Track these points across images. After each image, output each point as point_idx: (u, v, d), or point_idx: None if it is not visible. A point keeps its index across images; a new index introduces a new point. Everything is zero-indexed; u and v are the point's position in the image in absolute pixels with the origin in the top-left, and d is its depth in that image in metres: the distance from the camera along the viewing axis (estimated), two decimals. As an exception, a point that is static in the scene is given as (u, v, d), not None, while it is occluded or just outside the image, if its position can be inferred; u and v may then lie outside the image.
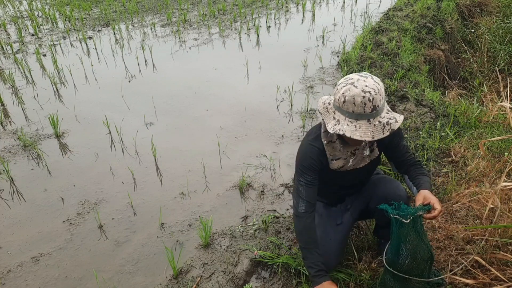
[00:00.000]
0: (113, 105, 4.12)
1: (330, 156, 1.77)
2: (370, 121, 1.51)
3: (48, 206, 2.76)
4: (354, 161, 1.82)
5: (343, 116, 1.54)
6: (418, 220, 1.56)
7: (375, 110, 1.50)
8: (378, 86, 1.51)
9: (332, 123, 1.58)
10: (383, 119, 1.52)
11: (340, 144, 1.75)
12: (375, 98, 1.49)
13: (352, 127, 1.51)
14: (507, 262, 1.82)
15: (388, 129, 1.51)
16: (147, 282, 2.15)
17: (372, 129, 1.51)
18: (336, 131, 1.54)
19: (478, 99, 3.58)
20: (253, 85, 4.48)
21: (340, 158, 1.78)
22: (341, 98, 1.52)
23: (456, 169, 2.73)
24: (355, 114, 1.50)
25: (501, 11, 4.83)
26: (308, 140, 1.80)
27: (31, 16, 7.61)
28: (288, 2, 8.25)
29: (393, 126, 1.52)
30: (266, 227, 2.44)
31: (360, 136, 1.50)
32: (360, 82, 1.51)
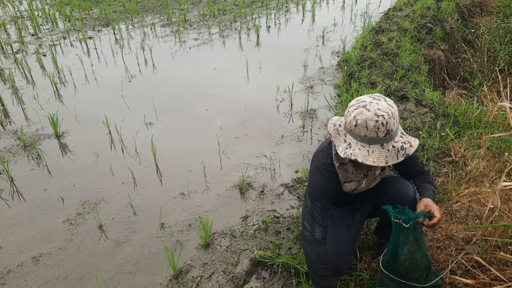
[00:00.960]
0: (113, 105, 4.12)
1: (343, 178, 1.72)
2: (384, 145, 1.45)
3: (48, 206, 2.76)
4: (366, 182, 1.78)
5: (354, 140, 1.49)
6: (418, 227, 1.55)
7: (388, 134, 1.44)
8: (391, 110, 1.45)
9: (343, 147, 1.52)
10: (397, 144, 1.47)
11: (352, 167, 1.70)
12: (389, 123, 1.43)
13: (364, 152, 1.46)
14: (507, 262, 1.82)
15: (402, 154, 1.46)
16: (147, 282, 2.15)
17: (386, 154, 1.45)
18: (348, 156, 1.48)
19: (478, 99, 3.58)
20: (253, 85, 4.48)
21: (353, 181, 1.74)
22: (352, 121, 1.47)
23: (456, 169, 2.73)
24: (368, 138, 1.45)
25: (501, 11, 4.83)
26: (324, 164, 1.73)
27: (31, 16, 7.61)
28: (288, 2, 8.25)
29: (408, 151, 1.47)
30: (266, 227, 2.44)
31: (373, 161, 1.44)
32: (372, 105, 1.45)
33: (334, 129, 1.60)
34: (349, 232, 1.93)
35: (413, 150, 1.46)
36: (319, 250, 1.71)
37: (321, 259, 1.72)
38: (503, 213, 2.04)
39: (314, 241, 1.72)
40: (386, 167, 1.78)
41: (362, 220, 2.00)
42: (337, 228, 1.93)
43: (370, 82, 4.10)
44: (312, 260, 1.74)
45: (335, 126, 1.60)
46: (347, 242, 1.90)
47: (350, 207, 1.99)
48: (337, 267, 1.87)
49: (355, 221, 1.96)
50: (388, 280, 1.70)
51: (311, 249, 1.73)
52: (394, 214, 1.55)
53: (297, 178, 2.89)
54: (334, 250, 1.84)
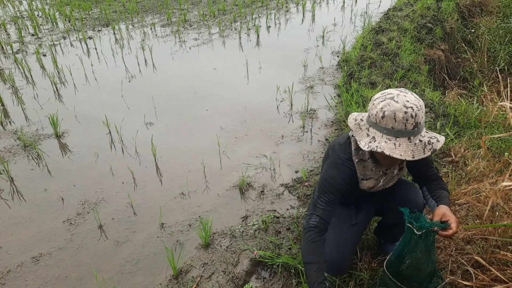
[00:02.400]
0: (113, 105, 4.12)
1: (361, 175, 1.68)
2: (411, 139, 1.40)
3: (48, 206, 2.76)
4: (384, 181, 1.74)
5: (379, 133, 1.43)
6: (432, 235, 1.52)
7: (416, 127, 1.39)
8: (419, 103, 1.41)
9: (365, 141, 1.47)
10: (424, 138, 1.42)
11: (372, 164, 1.66)
12: (418, 115, 1.38)
13: (391, 145, 1.40)
14: (507, 262, 1.82)
15: (429, 148, 1.41)
16: (147, 282, 2.15)
17: (413, 148, 1.40)
18: (373, 149, 1.42)
19: (478, 99, 3.58)
20: (253, 85, 4.48)
21: (371, 178, 1.70)
22: (379, 113, 1.41)
23: (456, 169, 2.73)
24: (395, 131, 1.40)
25: (501, 11, 4.83)
26: (342, 158, 1.67)
27: (31, 16, 7.61)
28: (288, 2, 8.25)
29: (435, 146, 1.42)
30: (266, 227, 2.44)
31: (400, 154, 1.38)
32: (400, 97, 1.41)
33: (355, 123, 1.54)
34: (352, 231, 1.91)
35: (440, 145, 1.42)
36: (306, 236, 1.66)
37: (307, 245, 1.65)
38: (503, 213, 2.04)
39: (305, 227, 1.69)
40: (403, 167, 1.75)
41: (367, 220, 1.98)
42: (341, 227, 1.91)
43: (370, 82, 4.10)
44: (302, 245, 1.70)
45: (356, 121, 1.55)
46: (350, 241, 1.88)
47: (355, 206, 1.97)
48: (338, 265, 1.85)
49: (359, 220, 1.94)
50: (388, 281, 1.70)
51: (303, 234, 1.70)
52: (409, 219, 1.52)
53: (297, 178, 2.89)
54: (336, 249, 1.83)
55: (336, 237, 1.86)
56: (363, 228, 1.98)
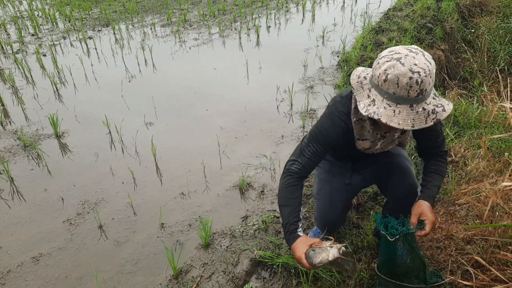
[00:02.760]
0: (113, 105, 4.12)
1: (357, 135, 1.58)
2: (413, 107, 1.28)
3: (48, 206, 2.76)
4: (382, 144, 1.63)
5: (380, 97, 1.32)
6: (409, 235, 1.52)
7: (421, 95, 1.26)
8: (429, 66, 1.26)
9: (365, 102, 1.36)
10: (428, 106, 1.29)
11: (370, 125, 1.54)
12: (424, 81, 1.25)
13: (390, 112, 1.29)
14: (507, 262, 1.81)
15: (432, 118, 1.29)
16: (147, 282, 2.15)
17: (414, 117, 1.28)
18: (370, 114, 1.32)
19: (478, 99, 3.58)
20: (253, 85, 4.48)
21: (367, 140, 1.59)
22: (382, 75, 1.29)
23: (456, 169, 2.73)
24: (396, 97, 1.28)
25: (501, 11, 4.83)
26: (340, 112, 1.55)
27: (31, 16, 7.61)
28: (288, 2, 8.25)
29: (439, 116, 1.29)
30: (266, 227, 2.44)
31: (398, 123, 1.28)
32: (408, 58, 1.26)
33: (357, 81, 1.43)
34: (344, 190, 1.86)
35: (446, 115, 1.30)
36: (284, 179, 1.61)
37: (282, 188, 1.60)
38: (503, 213, 2.04)
39: (285, 171, 1.62)
40: (407, 131, 1.64)
41: (361, 184, 1.92)
42: (334, 184, 1.87)
43: (370, 82, 4.09)
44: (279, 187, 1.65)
45: (359, 78, 1.43)
46: (342, 200, 1.86)
47: (352, 166, 1.88)
48: (331, 221, 1.89)
49: (353, 181, 1.88)
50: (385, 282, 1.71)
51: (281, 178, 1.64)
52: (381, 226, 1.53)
53: (297, 178, 2.89)
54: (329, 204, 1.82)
55: (329, 193, 1.85)
56: (356, 191, 1.95)
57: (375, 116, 1.31)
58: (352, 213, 2.44)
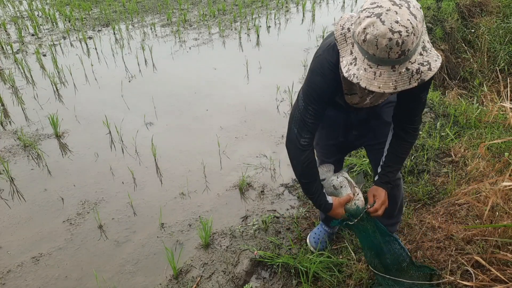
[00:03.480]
0: (113, 105, 4.12)
1: (345, 90, 1.50)
2: (395, 68, 1.18)
3: (48, 206, 2.76)
4: (372, 98, 1.55)
5: (361, 56, 1.21)
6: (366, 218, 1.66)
7: (403, 55, 1.16)
8: (413, 22, 1.13)
9: (347, 60, 1.26)
10: (412, 65, 1.18)
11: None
12: (406, 42, 1.13)
13: (370, 74, 1.20)
14: (507, 262, 1.81)
15: (416, 78, 1.19)
16: (147, 282, 2.15)
17: (396, 78, 1.19)
18: (350, 78, 1.23)
19: (478, 99, 3.58)
20: (253, 85, 4.48)
21: (355, 94, 1.52)
22: (361, 34, 1.17)
23: (456, 169, 2.73)
24: (376, 58, 1.17)
25: (501, 11, 4.82)
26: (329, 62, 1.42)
27: (31, 16, 7.61)
28: (288, 2, 8.25)
29: (424, 76, 1.19)
30: (266, 227, 2.44)
31: (379, 87, 1.19)
32: (389, 15, 1.12)
33: (341, 33, 1.31)
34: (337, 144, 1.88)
35: (431, 74, 1.19)
36: (302, 157, 1.57)
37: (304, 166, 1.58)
38: (503, 213, 2.04)
39: (299, 147, 1.56)
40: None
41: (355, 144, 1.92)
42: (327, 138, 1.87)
43: (370, 82, 4.09)
44: (295, 165, 1.63)
45: (342, 30, 1.31)
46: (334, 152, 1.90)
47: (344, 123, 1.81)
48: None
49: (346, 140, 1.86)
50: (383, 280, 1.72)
51: (294, 155, 1.60)
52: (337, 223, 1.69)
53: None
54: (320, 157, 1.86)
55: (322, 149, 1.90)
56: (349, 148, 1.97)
57: (354, 80, 1.22)
58: (352, 213, 2.44)
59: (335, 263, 2.05)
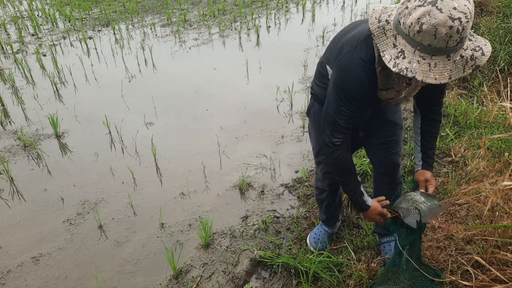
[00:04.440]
0: (113, 105, 4.12)
1: (381, 85, 1.39)
2: (450, 56, 1.11)
3: (48, 206, 2.76)
4: (407, 92, 1.47)
5: (411, 48, 1.13)
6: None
7: (460, 43, 1.09)
8: (470, 6, 1.07)
9: (391, 54, 1.18)
10: (466, 52, 1.12)
11: (395, 74, 1.35)
12: (466, 28, 1.07)
13: (424, 66, 1.12)
14: (507, 262, 1.82)
15: (471, 65, 1.13)
16: (147, 282, 2.15)
17: (451, 67, 1.12)
18: (402, 72, 1.14)
19: (478, 99, 3.57)
20: (253, 85, 4.48)
21: (392, 88, 1.41)
22: (414, 25, 1.09)
23: (456, 169, 2.73)
24: (432, 48, 1.10)
25: (501, 11, 4.82)
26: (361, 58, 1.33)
27: (31, 16, 7.61)
28: (288, 2, 8.25)
29: (479, 62, 1.13)
30: (266, 227, 2.44)
31: (435, 78, 1.11)
32: (446, 1, 1.05)
33: (378, 26, 1.23)
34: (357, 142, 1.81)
35: (485, 59, 1.13)
36: (334, 156, 1.52)
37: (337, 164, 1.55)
38: (503, 213, 2.04)
39: (331, 146, 1.51)
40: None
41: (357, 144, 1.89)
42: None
43: (370, 82, 4.09)
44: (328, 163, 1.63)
45: (380, 23, 1.23)
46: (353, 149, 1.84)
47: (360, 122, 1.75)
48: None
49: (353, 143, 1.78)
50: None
51: (328, 153, 1.55)
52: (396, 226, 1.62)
53: (297, 178, 2.89)
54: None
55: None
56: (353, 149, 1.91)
57: (409, 74, 1.13)
58: (352, 213, 2.44)
59: (335, 263, 2.05)
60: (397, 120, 1.81)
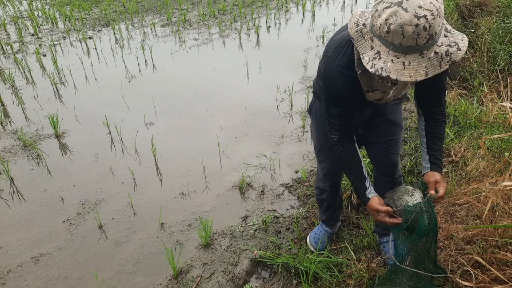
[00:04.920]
0: (113, 105, 4.12)
1: (366, 87, 1.45)
2: (424, 53, 1.15)
3: (48, 206, 2.76)
4: (395, 91, 1.50)
5: (385, 48, 1.18)
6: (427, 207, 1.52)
7: (431, 39, 1.12)
8: (436, 4, 1.11)
9: (369, 56, 1.22)
10: (440, 48, 1.15)
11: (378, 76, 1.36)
12: (433, 25, 1.10)
13: (399, 65, 1.16)
14: (507, 262, 1.81)
15: (447, 61, 1.16)
16: (147, 282, 2.15)
17: (426, 64, 1.15)
18: (378, 72, 1.19)
19: (478, 99, 3.57)
20: (253, 85, 4.48)
21: (378, 90, 1.47)
22: (383, 26, 1.14)
23: (456, 169, 2.73)
24: (404, 47, 1.14)
25: (501, 11, 4.81)
26: (337, 63, 1.40)
27: (31, 16, 7.61)
28: (288, 2, 8.25)
29: (454, 57, 1.16)
30: (266, 227, 2.44)
31: (410, 76, 1.15)
32: (411, 1, 1.10)
33: (356, 30, 1.27)
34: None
35: (461, 54, 1.16)
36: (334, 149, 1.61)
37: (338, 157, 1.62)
38: (503, 213, 2.04)
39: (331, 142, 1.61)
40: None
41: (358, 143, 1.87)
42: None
43: (370, 82, 4.09)
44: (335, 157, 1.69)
45: (357, 27, 1.27)
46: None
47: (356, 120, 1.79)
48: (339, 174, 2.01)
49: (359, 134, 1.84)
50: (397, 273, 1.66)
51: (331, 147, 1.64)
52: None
53: (297, 178, 2.89)
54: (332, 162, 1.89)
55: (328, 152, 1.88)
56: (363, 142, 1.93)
57: (383, 73, 1.18)
58: (352, 213, 2.44)
59: (335, 263, 2.05)
60: (397, 120, 1.82)
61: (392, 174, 1.92)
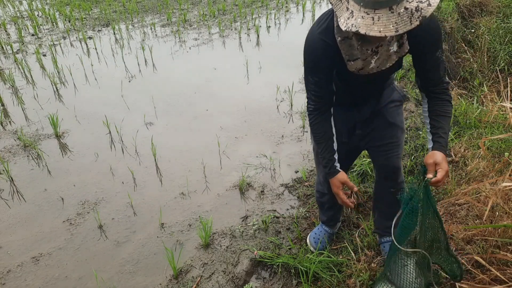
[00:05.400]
0: (113, 105, 4.12)
1: (346, 56, 1.45)
2: (393, 9, 1.15)
3: (48, 206, 2.76)
4: (377, 61, 1.48)
5: (357, 6, 1.19)
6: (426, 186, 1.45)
7: None
8: None
9: (344, 17, 1.23)
10: (410, 4, 1.15)
11: (357, 42, 1.40)
12: None
13: (368, 20, 1.16)
14: (507, 262, 1.81)
15: (417, 16, 1.15)
16: (147, 282, 2.15)
17: (396, 20, 1.15)
18: (348, 28, 1.19)
19: (478, 99, 3.57)
20: (253, 85, 4.48)
21: (358, 59, 1.45)
22: None
23: (456, 169, 2.73)
24: (372, 2, 1.15)
25: (501, 11, 4.81)
26: (317, 31, 1.46)
27: (31, 16, 7.61)
28: (288, 2, 8.25)
29: (424, 13, 1.15)
30: (266, 227, 2.44)
31: (379, 31, 1.15)
32: None
33: None
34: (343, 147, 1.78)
35: (431, 10, 1.15)
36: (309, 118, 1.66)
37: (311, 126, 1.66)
38: (503, 213, 2.04)
39: (307, 110, 1.66)
40: (404, 43, 1.45)
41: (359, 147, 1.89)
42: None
43: (370, 82, 4.09)
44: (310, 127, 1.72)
45: None
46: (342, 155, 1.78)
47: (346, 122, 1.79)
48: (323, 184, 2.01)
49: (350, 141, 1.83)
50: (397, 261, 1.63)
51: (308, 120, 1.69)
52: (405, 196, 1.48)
53: (297, 178, 2.89)
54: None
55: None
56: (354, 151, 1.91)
57: (353, 29, 1.18)
58: (352, 213, 2.44)
59: (335, 263, 2.05)
60: (398, 123, 1.81)
61: (394, 178, 1.89)
